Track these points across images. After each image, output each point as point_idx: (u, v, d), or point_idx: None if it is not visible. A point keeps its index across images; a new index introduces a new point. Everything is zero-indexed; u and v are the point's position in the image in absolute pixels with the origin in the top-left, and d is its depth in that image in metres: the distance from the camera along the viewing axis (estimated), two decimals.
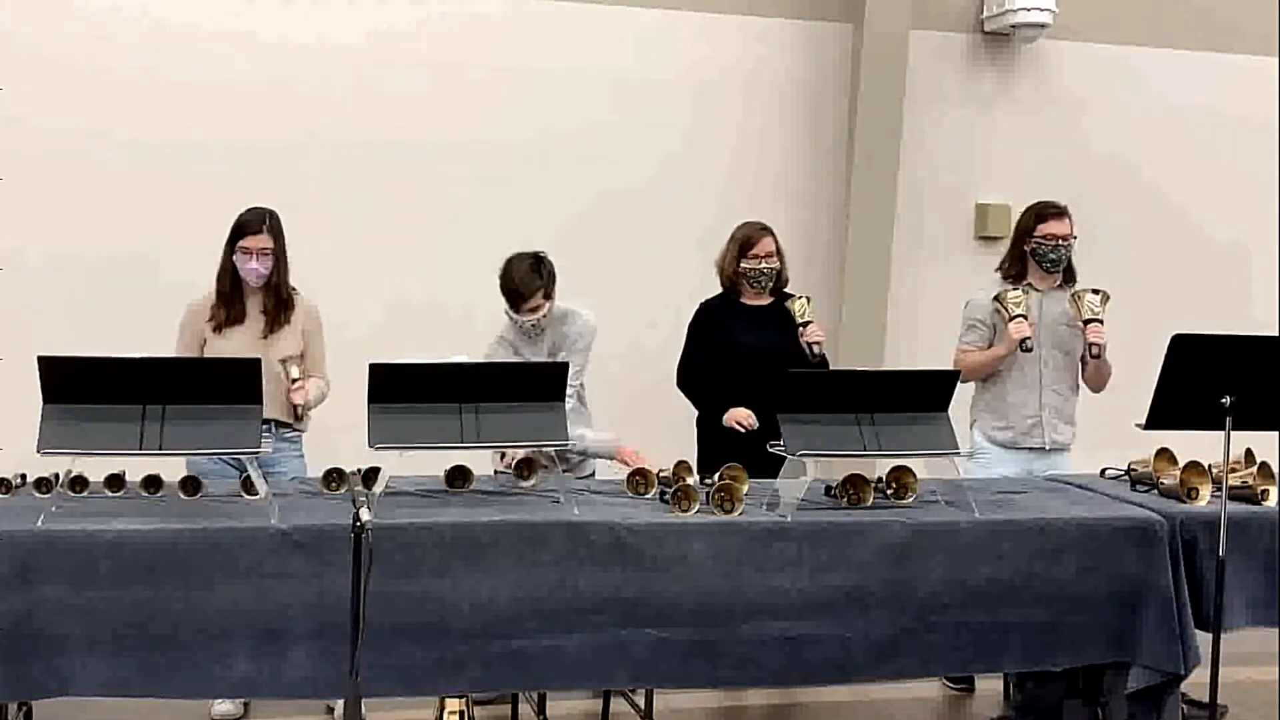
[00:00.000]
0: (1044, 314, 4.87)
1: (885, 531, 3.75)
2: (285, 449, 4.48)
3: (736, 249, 4.90)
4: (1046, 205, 4.91)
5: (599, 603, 3.57)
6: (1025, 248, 4.89)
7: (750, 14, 6.49)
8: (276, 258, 4.40)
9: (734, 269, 4.90)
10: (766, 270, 4.87)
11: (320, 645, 3.41)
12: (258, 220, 4.37)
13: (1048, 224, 4.85)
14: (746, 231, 4.92)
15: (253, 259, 4.35)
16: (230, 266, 4.40)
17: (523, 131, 6.19)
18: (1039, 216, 4.87)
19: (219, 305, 4.42)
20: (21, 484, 3.80)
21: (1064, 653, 3.90)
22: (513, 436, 3.76)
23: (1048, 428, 4.88)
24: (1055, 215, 4.86)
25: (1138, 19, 6.88)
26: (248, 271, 4.37)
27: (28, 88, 5.71)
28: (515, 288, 4.51)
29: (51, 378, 3.43)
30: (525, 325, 4.58)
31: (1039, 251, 4.85)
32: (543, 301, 4.56)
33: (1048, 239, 4.84)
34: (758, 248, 4.86)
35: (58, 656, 3.32)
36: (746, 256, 4.87)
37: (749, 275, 4.88)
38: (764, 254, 4.86)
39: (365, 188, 6.03)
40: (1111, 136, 6.91)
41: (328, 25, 6.03)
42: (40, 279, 5.72)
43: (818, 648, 3.70)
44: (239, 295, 4.41)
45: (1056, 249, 4.84)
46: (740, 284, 4.92)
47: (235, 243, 4.37)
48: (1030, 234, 4.87)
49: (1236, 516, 3.91)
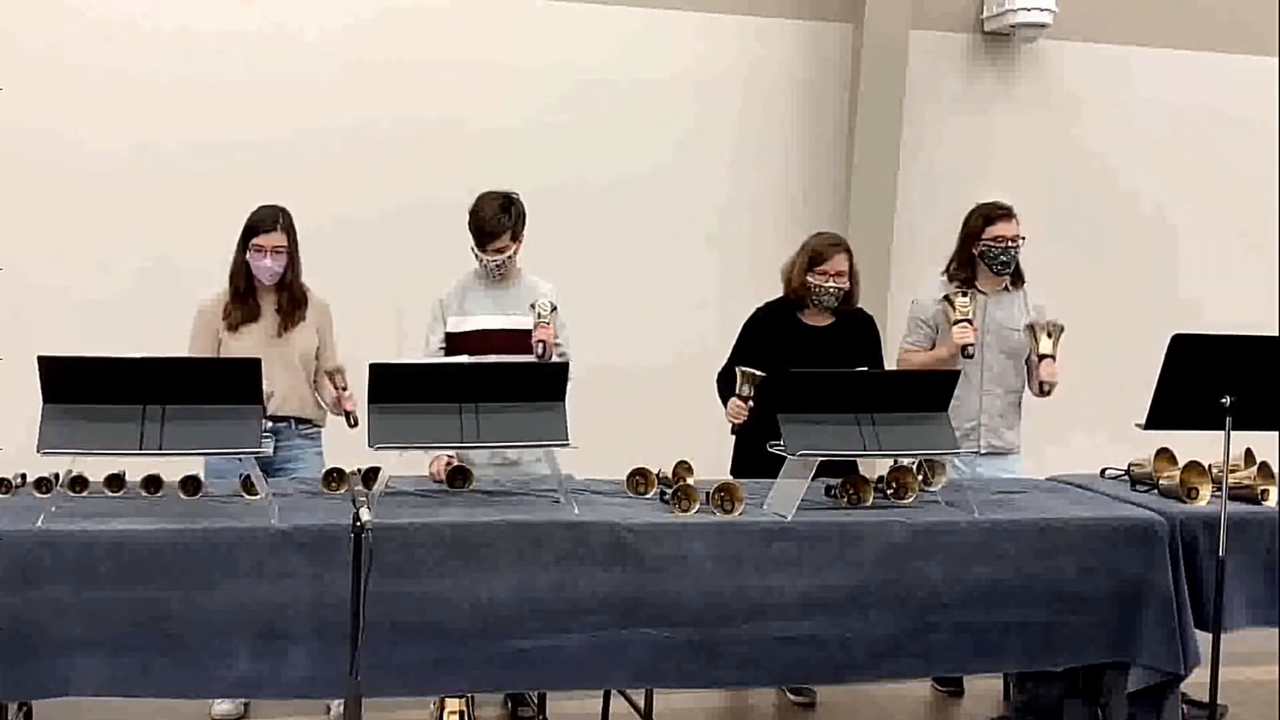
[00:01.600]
0: (989, 318, 4.81)
1: (885, 531, 3.75)
2: (305, 446, 4.48)
3: (806, 261, 4.61)
4: (994, 207, 4.82)
5: (599, 603, 3.57)
6: (974, 250, 4.81)
7: (750, 14, 6.49)
8: (290, 255, 4.39)
9: (800, 281, 4.62)
10: (834, 290, 4.59)
11: (320, 645, 3.41)
12: (270, 218, 4.35)
13: (996, 226, 4.77)
14: (819, 244, 4.65)
15: (266, 257, 4.34)
16: (243, 265, 4.38)
17: (521, 130, 6.19)
18: (987, 218, 4.79)
19: (233, 304, 4.40)
20: (21, 484, 3.79)
21: (1064, 653, 3.90)
22: (512, 436, 3.75)
23: (986, 432, 4.82)
24: (1003, 217, 4.78)
25: (1138, 19, 6.89)
26: (261, 269, 4.35)
27: (28, 89, 5.71)
28: (482, 225, 4.48)
29: (51, 378, 3.43)
30: (489, 265, 4.54)
31: (988, 254, 4.78)
32: (509, 243, 4.53)
33: (997, 241, 4.76)
34: (829, 264, 4.57)
35: (58, 656, 3.32)
36: (815, 271, 4.59)
37: (814, 291, 4.60)
38: (834, 271, 4.57)
39: (364, 187, 6.03)
40: (1110, 136, 6.91)
41: (326, 24, 6.03)
42: (41, 279, 5.71)
43: (818, 648, 3.70)
44: (252, 293, 4.40)
45: (1006, 250, 4.77)
46: (804, 297, 4.65)
47: (248, 241, 4.35)
48: (979, 236, 4.79)
49: (1236, 516, 3.91)
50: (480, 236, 4.51)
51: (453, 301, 4.63)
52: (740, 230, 6.52)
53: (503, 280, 4.62)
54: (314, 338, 4.49)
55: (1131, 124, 6.94)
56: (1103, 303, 6.55)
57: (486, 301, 4.61)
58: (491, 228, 4.49)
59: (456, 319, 4.61)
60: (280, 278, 4.39)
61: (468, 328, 4.59)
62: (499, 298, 4.62)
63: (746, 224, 6.53)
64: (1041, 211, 6.78)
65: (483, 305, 4.61)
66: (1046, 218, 6.78)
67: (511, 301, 4.62)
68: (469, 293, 4.64)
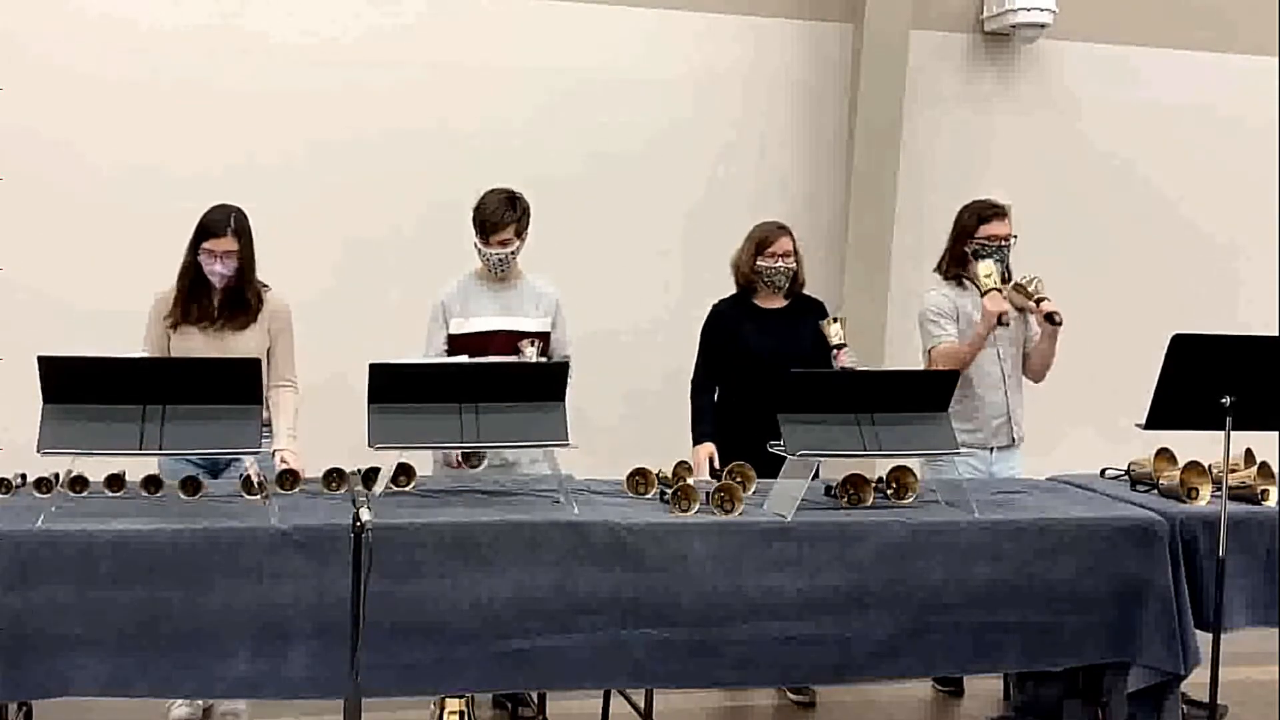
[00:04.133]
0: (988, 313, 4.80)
1: (885, 531, 3.75)
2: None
3: (753, 248, 4.84)
4: (987, 206, 4.83)
5: (599, 603, 3.57)
6: (966, 248, 4.82)
7: (750, 14, 6.49)
8: (242, 258, 4.30)
9: (750, 268, 4.84)
10: (784, 269, 4.81)
11: (320, 645, 3.41)
12: (222, 222, 4.25)
13: (990, 225, 4.78)
14: (764, 231, 4.87)
15: (216, 261, 4.25)
16: (193, 265, 4.30)
17: (521, 131, 6.19)
18: (981, 218, 4.80)
19: (180, 305, 4.32)
20: (21, 484, 3.79)
21: (1064, 653, 3.90)
22: (512, 436, 3.76)
23: (1015, 424, 4.86)
24: (997, 216, 4.79)
25: (1138, 19, 6.88)
26: (211, 273, 4.27)
27: (28, 91, 5.70)
28: (486, 217, 4.50)
29: (51, 378, 3.43)
30: (492, 260, 4.55)
31: (981, 253, 4.78)
32: (512, 237, 4.54)
33: (991, 240, 4.77)
34: (775, 246, 4.81)
35: (58, 656, 3.32)
36: (763, 255, 4.81)
37: (765, 275, 4.82)
38: (781, 253, 4.81)
39: (363, 187, 6.03)
40: (1111, 136, 6.91)
41: (324, 25, 6.02)
42: (41, 280, 5.71)
43: (818, 648, 3.70)
44: (203, 294, 4.32)
45: (999, 249, 4.78)
46: (756, 284, 4.86)
47: (199, 243, 4.26)
48: (972, 235, 4.80)
49: (1236, 516, 3.92)
50: (483, 228, 4.52)
51: (454, 303, 4.63)
52: (739, 230, 6.51)
53: (504, 279, 4.62)
54: (264, 339, 4.39)
55: (1132, 124, 6.93)
56: (1103, 302, 6.55)
57: (489, 303, 4.61)
58: (495, 219, 4.50)
59: (459, 320, 4.61)
60: (231, 280, 4.31)
61: (471, 329, 4.59)
62: (502, 298, 4.62)
63: (746, 224, 6.52)
64: (1041, 211, 6.80)
65: (486, 306, 4.61)
66: (1046, 218, 6.79)
67: (514, 302, 4.62)
68: (471, 294, 4.64)
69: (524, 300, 4.62)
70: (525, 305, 4.61)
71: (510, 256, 4.56)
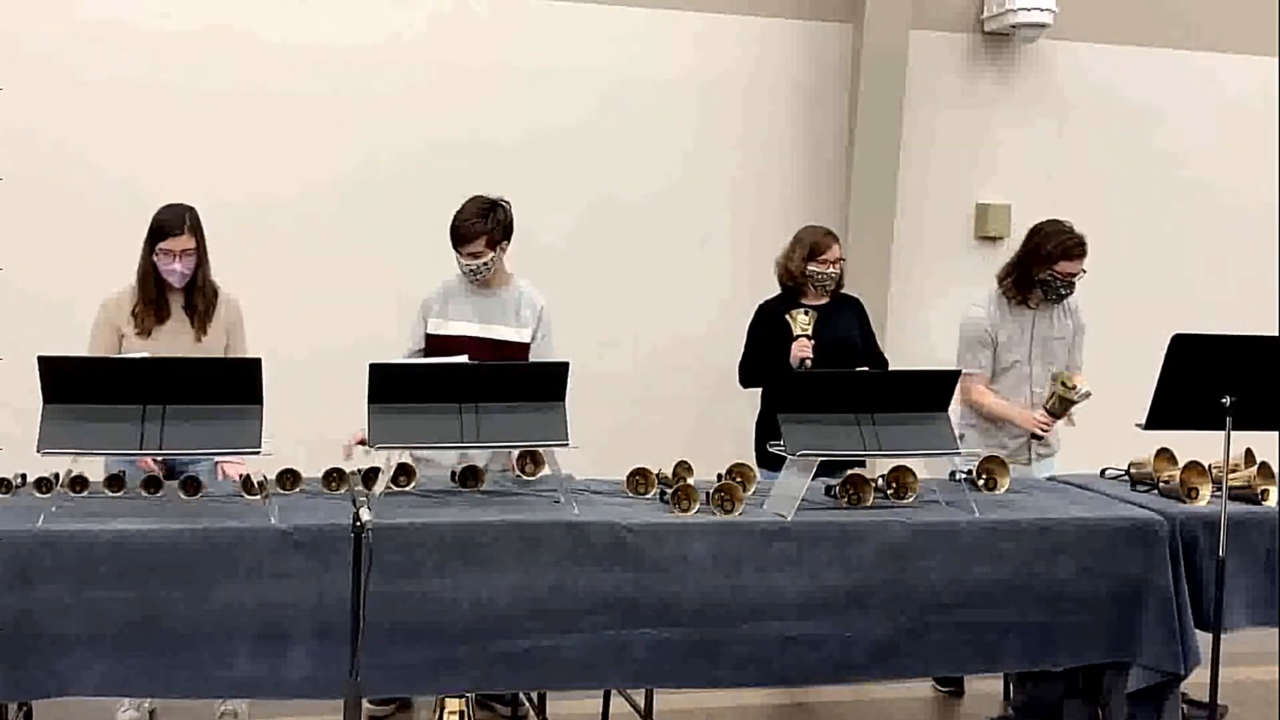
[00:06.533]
0: (1035, 330, 4.86)
1: (885, 531, 3.75)
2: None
3: (806, 252, 5.02)
4: (1071, 241, 4.77)
5: (599, 603, 3.57)
6: (1037, 274, 4.79)
7: (750, 14, 6.49)
8: (198, 256, 4.29)
9: (801, 271, 5.01)
10: (832, 274, 5.03)
11: (320, 645, 3.41)
12: (177, 220, 4.24)
13: (1070, 263, 4.76)
14: (815, 237, 5.05)
15: (175, 261, 4.23)
16: (151, 268, 4.28)
17: (521, 132, 6.18)
18: (1063, 252, 4.74)
19: (143, 308, 4.30)
20: (21, 484, 3.79)
21: (1064, 653, 3.90)
22: (513, 436, 3.76)
23: (1036, 444, 4.87)
24: (1079, 255, 4.77)
25: (1138, 19, 6.88)
26: (169, 273, 4.25)
27: (28, 91, 5.70)
28: (456, 227, 4.47)
29: (51, 378, 3.43)
30: (465, 269, 4.50)
31: (1050, 284, 4.78)
32: (485, 249, 4.47)
33: (1064, 276, 4.77)
34: (827, 253, 5.01)
35: (58, 656, 3.32)
36: (816, 260, 5.00)
37: (815, 279, 5.01)
38: (832, 259, 5.02)
39: (366, 189, 6.03)
40: (1111, 137, 6.91)
41: (326, 28, 6.02)
42: (41, 280, 5.71)
43: (818, 648, 3.70)
44: (161, 295, 4.31)
45: (1069, 286, 4.80)
46: (805, 286, 5.04)
47: (155, 244, 4.24)
48: (1048, 266, 4.76)
49: (1236, 516, 3.91)
50: (454, 237, 4.48)
51: (435, 303, 4.60)
52: (740, 229, 6.52)
53: (485, 287, 4.58)
54: (223, 337, 4.40)
55: (1131, 124, 6.93)
56: (1103, 302, 6.54)
57: (467, 308, 4.57)
58: (465, 230, 4.45)
59: (437, 321, 4.57)
60: (189, 279, 4.30)
61: (447, 332, 4.55)
62: (481, 305, 4.57)
63: (746, 223, 6.53)
64: (1041, 211, 6.78)
65: (463, 312, 4.57)
66: (1046, 218, 6.80)
67: (494, 310, 4.57)
68: (452, 297, 4.60)
69: (505, 309, 4.57)
70: (506, 314, 4.56)
71: (483, 268, 4.49)
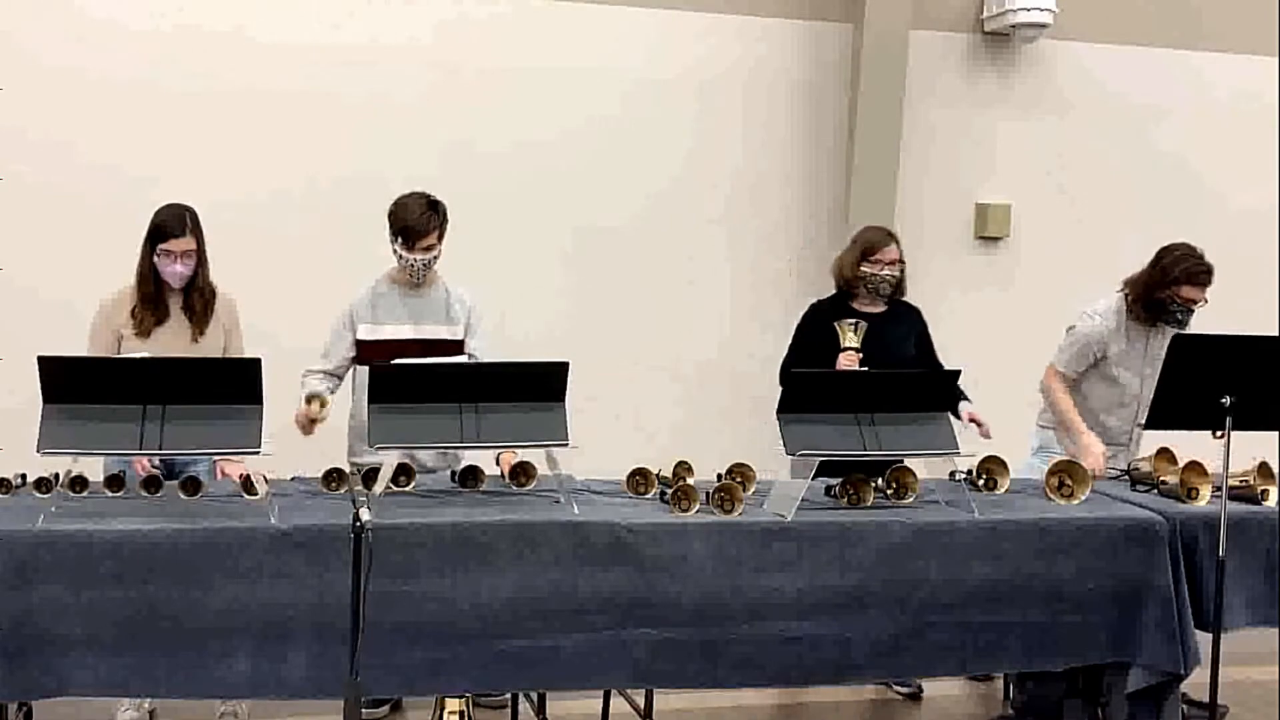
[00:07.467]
0: (1149, 348, 4.74)
1: (885, 531, 3.75)
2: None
3: (858, 252, 4.79)
4: (1199, 267, 4.66)
5: (599, 603, 3.57)
6: (1160, 295, 4.69)
7: (750, 14, 6.49)
8: (198, 256, 4.30)
9: (853, 273, 4.78)
10: (888, 277, 4.77)
11: (320, 645, 3.41)
12: (179, 222, 4.24)
13: (1194, 289, 4.65)
14: (870, 236, 4.83)
15: (176, 262, 4.24)
16: (150, 268, 4.28)
17: (521, 131, 6.18)
18: (1188, 277, 4.64)
19: (143, 309, 4.30)
20: (21, 484, 3.79)
21: (1064, 653, 3.90)
22: (513, 436, 3.75)
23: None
24: (1203, 282, 4.65)
25: (1138, 19, 6.88)
26: (170, 274, 4.26)
27: (28, 91, 5.70)
28: (411, 224, 4.43)
29: (51, 378, 3.43)
30: (416, 265, 4.48)
31: (1170, 307, 4.68)
32: (435, 242, 4.48)
33: (1184, 301, 4.67)
34: (881, 254, 4.76)
35: (57, 656, 3.32)
36: (868, 260, 4.76)
37: (868, 280, 4.77)
38: (887, 260, 4.76)
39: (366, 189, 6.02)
40: (1110, 137, 6.91)
41: (325, 28, 6.02)
42: (41, 280, 5.71)
43: (818, 648, 3.70)
44: (161, 295, 4.31)
45: (1187, 311, 4.69)
46: (857, 288, 4.80)
47: (155, 245, 4.24)
48: (1170, 287, 4.67)
49: (1236, 516, 3.91)
50: (408, 234, 4.44)
51: (363, 309, 4.54)
52: (740, 229, 6.52)
53: (419, 287, 4.56)
54: (221, 337, 4.40)
55: (1131, 124, 6.93)
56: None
57: (400, 310, 4.54)
58: (420, 226, 4.44)
59: (369, 327, 4.52)
60: (188, 279, 4.30)
61: (382, 336, 4.50)
62: (414, 306, 4.55)
63: (747, 223, 6.53)
64: (1041, 211, 6.81)
65: (396, 314, 4.54)
66: (1046, 218, 6.81)
67: (426, 310, 4.55)
68: (382, 300, 4.55)
69: (436, 308, 4.56)
70: (438, 313, 4.55)
71: (433, 261, 4.51)
